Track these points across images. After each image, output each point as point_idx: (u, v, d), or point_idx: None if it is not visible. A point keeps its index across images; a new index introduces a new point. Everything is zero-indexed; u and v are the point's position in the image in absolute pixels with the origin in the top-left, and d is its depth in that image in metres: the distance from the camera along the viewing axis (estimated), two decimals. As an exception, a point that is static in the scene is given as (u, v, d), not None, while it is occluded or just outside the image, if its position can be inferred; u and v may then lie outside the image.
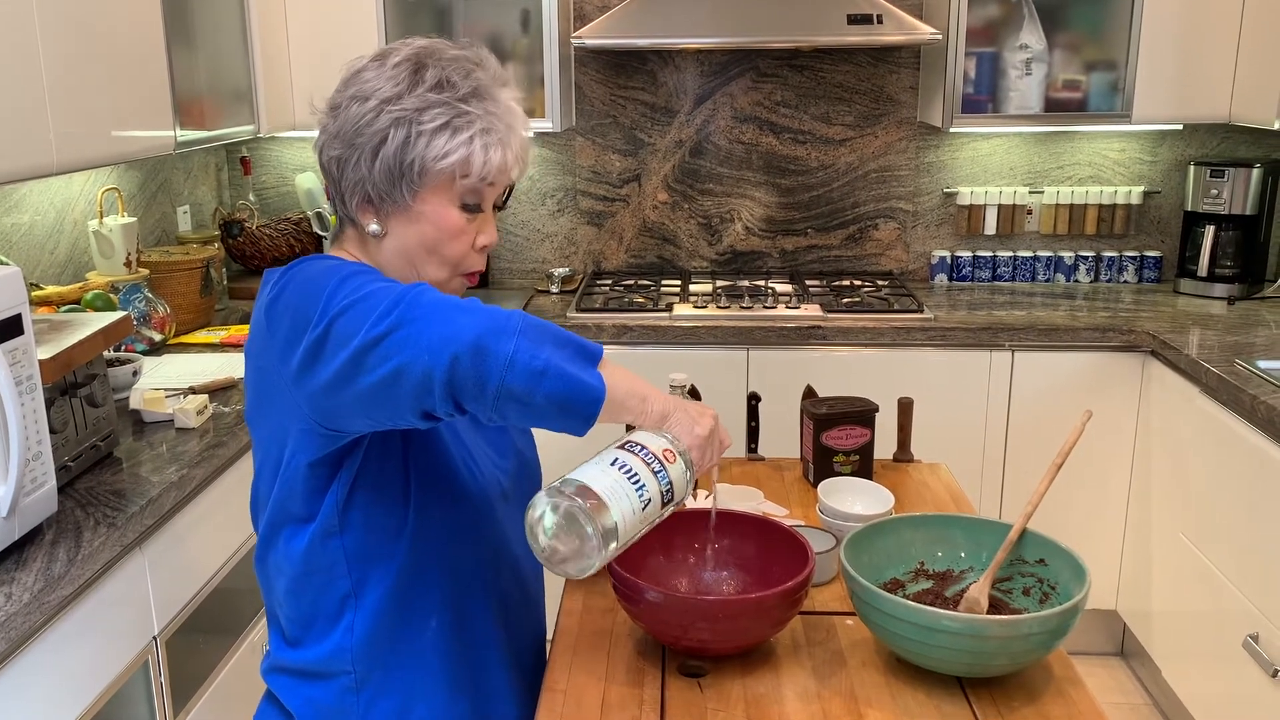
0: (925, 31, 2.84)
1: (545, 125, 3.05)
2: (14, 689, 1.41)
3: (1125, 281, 3.38)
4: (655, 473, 1.13)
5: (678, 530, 1.43)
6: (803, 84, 3.33)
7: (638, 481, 1.11)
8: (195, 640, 1.92)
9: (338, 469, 1.20)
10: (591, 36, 2.88)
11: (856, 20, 2.84)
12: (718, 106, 3.36)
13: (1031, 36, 2.98)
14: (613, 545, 1.10)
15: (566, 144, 3.39)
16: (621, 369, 1.14)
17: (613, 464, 1.12)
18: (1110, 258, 3.36)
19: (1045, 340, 2.88)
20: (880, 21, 2.84)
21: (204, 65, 2.54)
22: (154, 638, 1.77)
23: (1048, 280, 3.39)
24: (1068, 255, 3.36)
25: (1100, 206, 3.35)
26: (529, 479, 1.41)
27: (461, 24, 3.12)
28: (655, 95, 3.36)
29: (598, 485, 1.10)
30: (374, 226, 1.23)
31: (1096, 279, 3.39)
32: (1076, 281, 3.38)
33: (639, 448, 1.14)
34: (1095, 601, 3.06)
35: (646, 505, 1.12)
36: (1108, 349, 2.89)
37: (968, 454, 2.96)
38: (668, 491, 1.14)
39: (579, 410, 1.07)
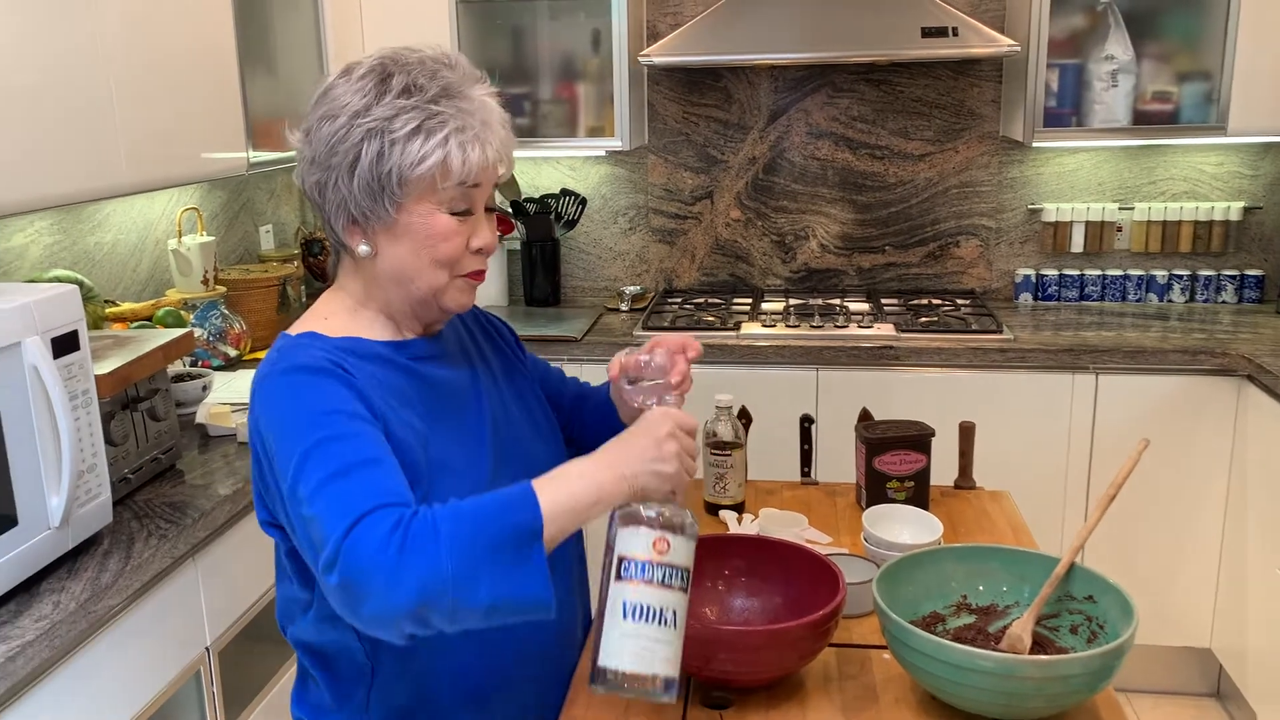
0: (1003, 43, 2.75)
1: (615, 144, 3.05)
2: (63, 695, 1.45)
3: (1224, 302, 3.21)
4: (663, 583, 1.08)
5: (706, 557, 1.39)
6: (880, 98, 3.27)
7: (656, 615, 1.07)
8: (250, 650, 1.95)
9: None
10: (659, 54, 2.87)
11: (931, 33, 2.77)
12: (792, 122, 3.31)
13: (1118, 47, 2.87)
14: (676, 678, 1.09)
15: (638, 162, 3.39)
16: (560, 488, 1.07)
17: (625, 616, 1.07)
18: (1207, 277, 3.20)
19: (1131, 363, 2.75)
20: (956, 34, 2.76)
21: (279, 87, 2.61)
22: (206, 648, 1.81)
23: (1139, 300, 3.24)
24: (1160, 274, 3.21)
25: (1196, 223, 3.19)
26: None
27: (535, 45, 3.14)
28: (728, 112, 3.33)
29: (630, 663, 1.07)
30: (363, 247, 1.21)
31: (1192, 299, 3.22)
32: (1170, 301, 3.23)
33: (631, 567, 1.08)
34: (1189, 639, 2.90)
35: (676, 618, 1.09)
36: (1200, 373, 2.74)
37: (1048, 483, 2.84)
38: (683, 580, 1.10)
39: (534, 615, 1.06)
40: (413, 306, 1.27)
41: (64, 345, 1.55)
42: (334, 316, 1.26)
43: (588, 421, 1.50)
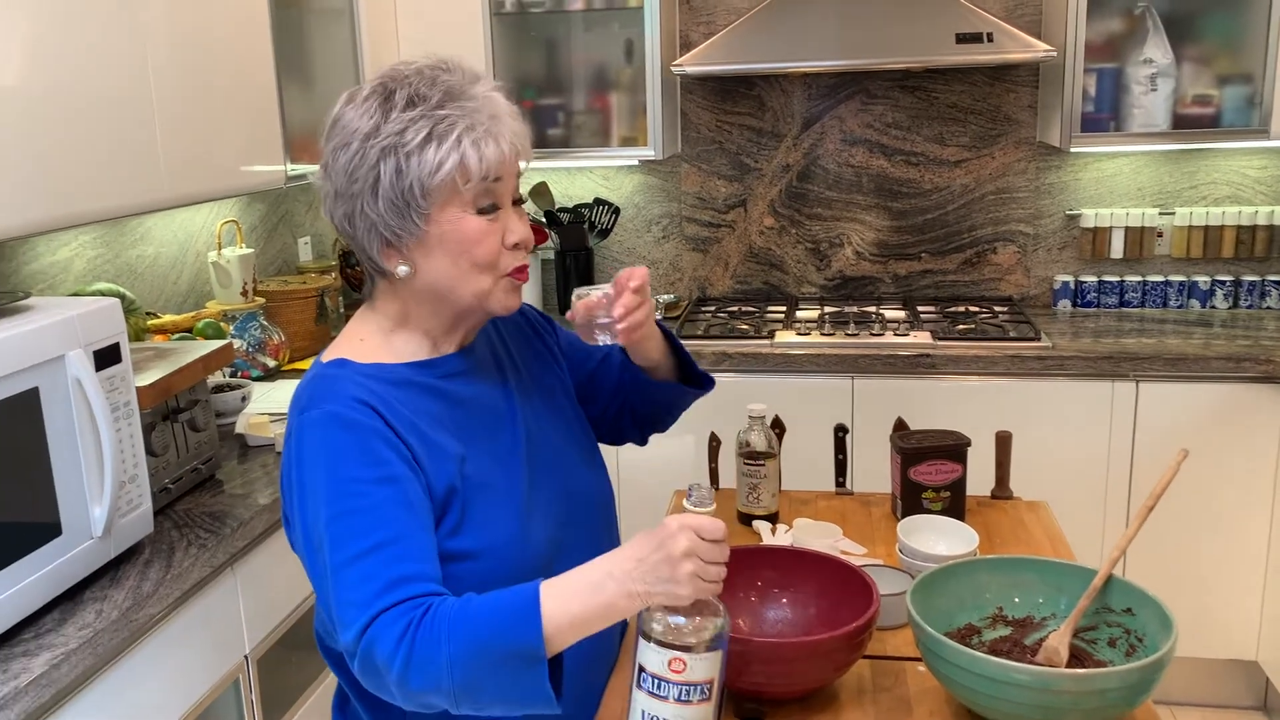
0: (1039, 48, 2.73)
1: (648, 153, 3.06)
2: (105, 703, 1.48)
3: (1268, 308, 3.15)
4: (679, 700, 1.07)
5: (739, 569, 1.38)
6: (915, 105, 3.25)
7: None
8: (288, 658, 1.97)
9: None
10: (693, 64, 2.88)
11: (965, 39, 2.75)
12: (826, 130, 3.30)
13: (1156, 50, 2.83)
14: None
15: (671, 171, 3.39)
16: (568, 603, 1.06)
17: None
18: (1251, 282, 3.15)
19: (1173, 370, 2.71)
20: (991, 40, 2.74)
21: (316, 101, 2.64)
22: (245, 656, 1.83)
23: (1180, 306, 3.19)
24: (1203, 280, 3.17)
25: (1239, 228, 3.14)
26: (588, 516, 1.38)
27: (568, 56, 3.16)
28: (761, 120, 3.32)
29: None
30: (402, 268, 1.21)
31: (1235, 305, 3.17)
32: (1213, 308, 3.18)
33: (648, 681, 1.08)
34: (1236, 652, 2.85)
35: None
36: (1243, 380, 2.69)
37: (1087, 493, 2.80)
38: (703, 693, 1.08)
39: (538, 712, 1.08)
40: (454, 318, 1.27)
41: (106, 358, 1.58)
42: (369, 338, 1.27)
43: (631, 386, 1.48)
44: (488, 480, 1.24)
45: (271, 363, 2.69)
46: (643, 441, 1.55)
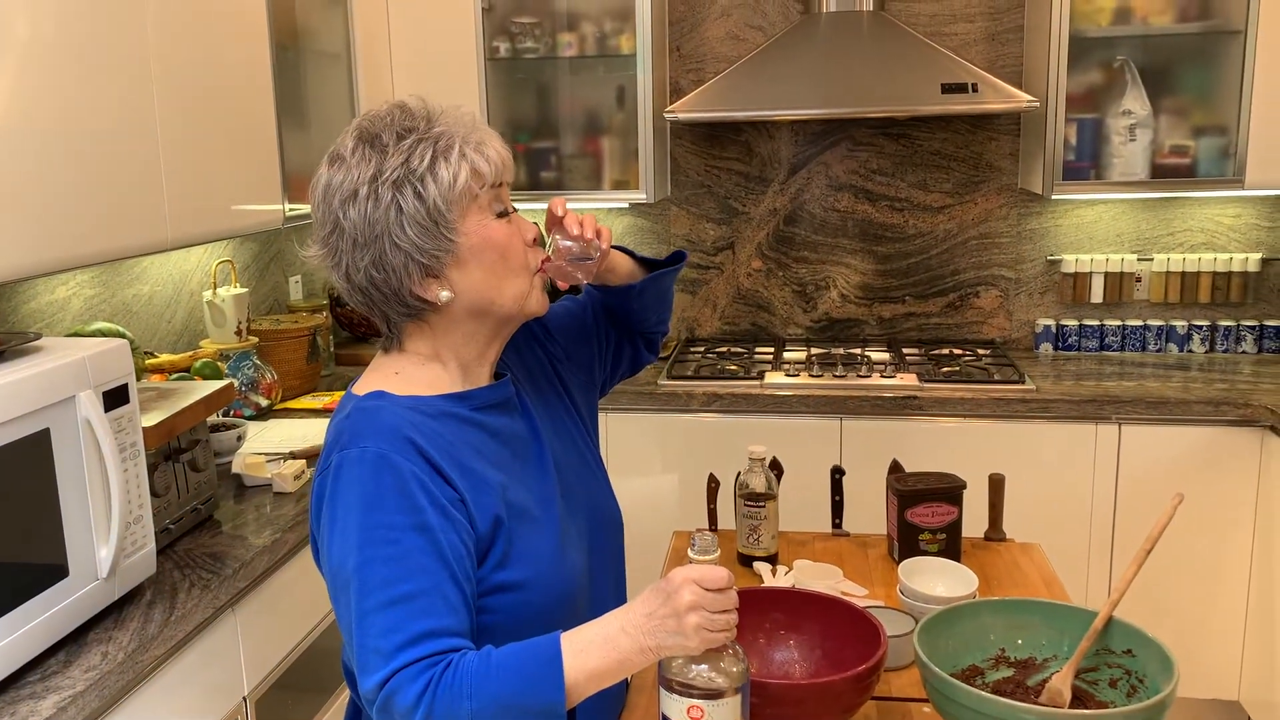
0: (1022, 99, 2.80)
1: (639, 196, 3.10)
2: (105, 745, 1.47)
3: (1244, 352, 3.23)
4: None
5: (746, 610, 1.41)
6: (899, 152, 3.32)
7: None
8: (285, 699, 1.96)
9: None
10: (685, 111, 2.93)
11: (951, 89, 2.82)
12: (812, 175, 3.36)
13: (1135, 102, 2.91)
14: None
15: (661, 214, 3.44)
16: (585, 660, 1.09)
17: None
18: (1227, 327, 3.22)
19: (1154, 413, 2.77)
20: (975, 90, 2.81)
21: (312, 142, 2.67)
22: (244, 697, 1.82)
23: (1159, 350, 3.26)
24: (1180, 324, 3.24)
25: (1214, 274, 3.22)
26: (607, 539, 1.40)
27: (561, 101, 3.21)
28: (749, 165, 3.38)
29: None
30: (444, 294, 1.22)
31: (1212, 349, 3.24)
32: (1190, 352, 3.25)
33: None
34: (1216, 691, 2.88)
35: None
36: (1223, 423, 2.75)
37: (1072, 534, 2.84)
38: None
39: None
40: (490, 337, 1.28)
41: (115, 398, 1.59)
42: (404, 371, 1.28)
43: (621, 310, 1.50)
44: (526, 509, 1.26)
45: (264, 402, 2.69)
46: (655, 353, 1.57)
